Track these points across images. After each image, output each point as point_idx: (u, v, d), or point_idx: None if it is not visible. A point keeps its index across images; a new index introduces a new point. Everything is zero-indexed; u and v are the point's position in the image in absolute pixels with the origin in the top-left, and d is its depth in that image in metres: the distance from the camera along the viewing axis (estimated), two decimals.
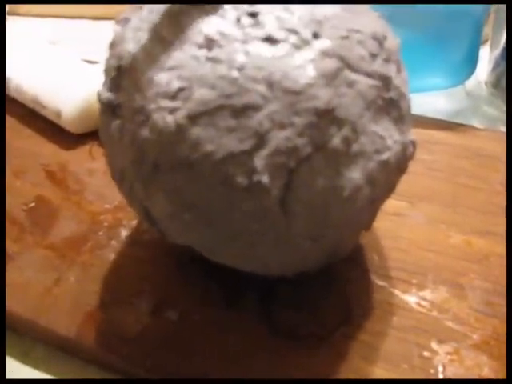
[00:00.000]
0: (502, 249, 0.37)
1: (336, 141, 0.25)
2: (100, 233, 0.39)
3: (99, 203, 0.42)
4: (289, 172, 0.25)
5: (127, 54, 0.27)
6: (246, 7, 0.26)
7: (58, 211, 0.42)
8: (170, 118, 0.25)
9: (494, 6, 0.52)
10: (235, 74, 0.24)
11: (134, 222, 0.40)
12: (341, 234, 0.29)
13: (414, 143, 0.30)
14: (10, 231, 0.40)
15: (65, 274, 0.36)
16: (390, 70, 0.28)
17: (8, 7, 0.72)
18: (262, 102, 0.24)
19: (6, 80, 0.51)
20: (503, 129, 0.50)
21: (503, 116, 0.51)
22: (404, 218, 0.39)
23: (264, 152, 0.24)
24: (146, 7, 0.29)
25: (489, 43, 0.54)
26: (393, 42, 0.29)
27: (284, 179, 0.25)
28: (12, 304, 0.34)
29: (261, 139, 0.24)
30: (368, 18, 0.29)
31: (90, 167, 0.46)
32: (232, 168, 0.24)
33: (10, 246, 0.39)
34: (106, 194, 0.42)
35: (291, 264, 0.30)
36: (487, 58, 0.55)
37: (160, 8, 0.28)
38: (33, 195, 0.43)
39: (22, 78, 0.51)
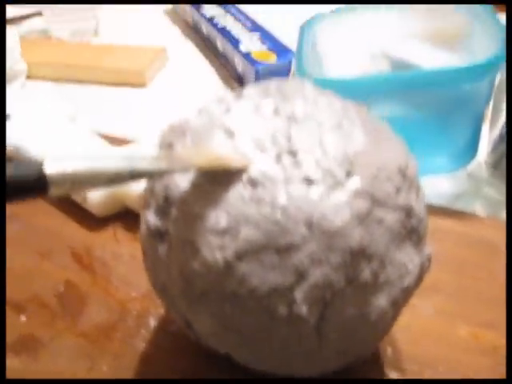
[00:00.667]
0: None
1: (366, 274, 0.28)
2: (129, 321, 0.41)
3: (126, 290, 0.44)
4: (324, 303, 0.27)
5: (175, 185, 0.29)
6: (285, 143, 0.29)
7: (87, 297, 0.44)
8: (218, 255, 0.27)
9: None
10: (278, 214, 0.27)
11: (162, 311, 0.42)
12: (365, 347, 0.31)
13: (429, 257, 0.33)
14: (42, 315, 0.42)
15: (97, 363, 0.38)
16: (412, 199, 0.30)
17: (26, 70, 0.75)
18: (302, 241, 0.27)
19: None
20: (503, 212, 0.52)
21: (503, 198, 0.54)
22: (414, 309, 0.41)
23: (303, 287, 0.27)
24: (189, 135, 0.31)
25: (488, 123, 0.57)
26: (413, 168, 0.32)
27: (320, 310, 0.28)
28: None
29: (301, 275, 0.27)
30: (393, 147, 0.31)
31: (115, 250, 0.48)
32: (274, 301, 0.27)
33: (41, 332, 0.41)
34: (132, 281, 0.44)
35: (317, 370, 0.32)
36: (487, 137, 0.57)
37: (203, 138, 0.30)
38: (61, 279, 0.45)
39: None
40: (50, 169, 0.24)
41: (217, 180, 0.28)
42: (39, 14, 0.89)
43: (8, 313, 0.42)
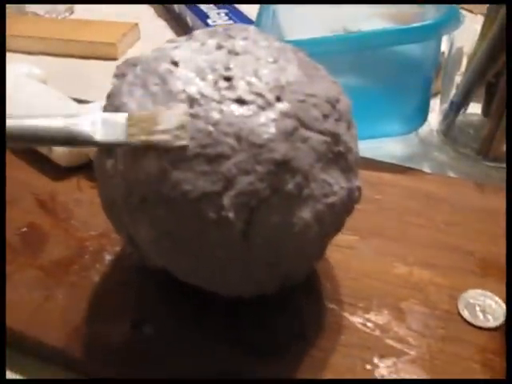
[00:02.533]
0: (440, 279, 0.42)
1: (290, 186, 0.30)
2: (86, 256, 0.44)
3: (85, 230, 0.47)
4: (250, 210, 0.30)
5: (122, 105, 0.32)
6: (223, 71, 0.32)
7: (48, 236, 0.46)
8: (155, 163, 0.30)
9: (442, 63, 0.58)
10: (210, 128, 0.30)
11: (117, 248, 0.44)
12: (293, 263, 0.34)
13: (359, 189, 0.36)
14: (6, 252, 0.44)
15: (54, 292, 0.41)
16: (340, 128, 0.33)
17: None
18: (231, 152, 0.30)
19: None
20: (451, 174, 0.56)
21: (451, 162, 0.57)
22: (355, 251, 0.44)
23: (231, 193, 0.30)
24: (140, 66, 0.34)
25: (439, 96, 0.60)
26: (345, 103, 0.35)
27: (246, 216, 0.30)
28: (5, 318, 0.39)
29: (229, 183, 0.30)
30: (324, 83, 0.34)
31: (78, 198, 0.50)
32: (204, 205, 0.30)
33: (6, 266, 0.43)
34: (91, 222, 0.47)
35: (251, 287, 0.35)
36: (438, 109, 0.61)
37: (152, 67, 0.33)
38: (25, 222, 0.48)
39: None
40: None
41: (158, 99, 0.31)
42: None
43: None
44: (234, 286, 0.35)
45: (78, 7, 0.93)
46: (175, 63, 0.33)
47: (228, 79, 0.31)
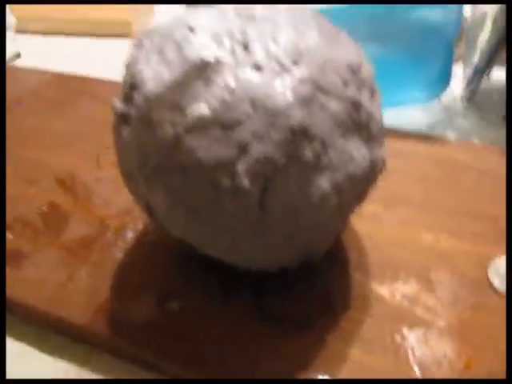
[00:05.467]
0: (468, 247, 0.41)
1: (307, 154, 0.30)
2: (108, 234, 0.44)
3: (106, 208, 0.46)
4: (266, 178, 0.29)
5: (139, 72, 0.32)
6: (240, 36, 0.31)
7: (69, 215, 0.46)
8: (169, 129, 0.30)
9: (465, 27, 0.57)
10: (226, 94, 0.29)
11: (139, 225, 0.44)
12: (312, 235, 0.33)
13: (383, 160, 0.35)
14: (25, 232, 0.44)
15: (77, 271, 0.41)
16: (362, 96, 0.32)
17: None
18: (245, 118, 0.29)
19: None
20: (475, 141, 0.54)
21: (476, 128, 0.56)
22: (380, 220, 0.44)
23: (245, 161, 0.29)
24: (157, 33, 0.34)
25: (462, 62, 0.59)
26: (368, 70, 0.34)
27: (262, 184, 0.30)
28: (28, 297, 0.39)
29: (243, 150, 0.29)
30: (345, 48, 0.33)
31: (98, 176, 0.50)
32: (219, 173, 0.29)
33: (25, 246, 0.43)
34: (112, 200, 0.47)
35: (271, 259, 0.34)
36: (461, 75, 0.59)
37: (168, 34, 0.33)
38: (45, 201, 0.48)
39: None
40: None
41: (174, 66, 0.31)
42: None
43: None
44: (252, 258, 0.34)
45: None
46: (192, 29, 0.32)
47: (245, 45, 0.31)
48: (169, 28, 0.33)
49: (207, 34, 0.32)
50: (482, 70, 0.55)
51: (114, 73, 0.54)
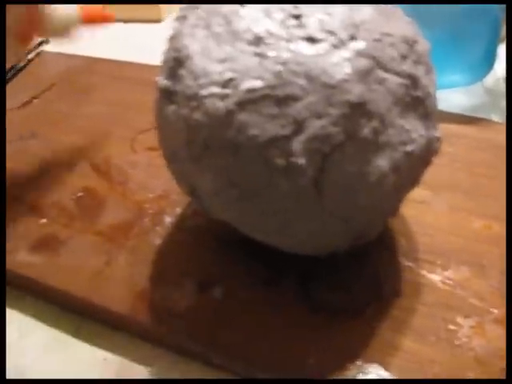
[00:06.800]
0: None
1: (366, 131, 0.28)
2: (145, 219, 0.42)
3: (143, 193, 0.45)
4: (323, 156, 0.28)
5: (184, 47, 0.31)
6: (292, 9, 0.29)
7: (105, 201, 0.45)
8: (220, 104, 0.28)
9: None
10: (279, 67, 0.27)
11: (178, 210, 0.43)
12: (368, 217, 0.32)
13: (439, 139, 0.33)
14: (60, 218, 0.43)
15: (115, 257, 0.40)
16: (419, 71, 0.31)
17: None
18: (301, 93, 0.27)
19: None
20: None
21: None
22: (429, 206, 0.42)
23: (301, 137, 0.27)
24: (202, 7, 0.32)
25: (505, 42, 0.57)
26: (423, 45, 0.32)
27: (318, 163, 0.28)
28: (66, 284, 0.38)
29: (299, 126, 0.27)
30: (401, 23, 0.32)
31: (133, 160, 0.49)
32: (273, 150, 0.28)
33: (61, 232, 0.42)
34: (149, 185, 0.46)
35: (323, 243, 0.33)
36: (504, 55, 0.57)
37: (215, 8, 0.31)
38: (80, 186, 0.47)
39: None
40: None
41: (223, 38, 0.29)
42: None
43: (30, 217, 0.44)
44: (303, 241, 0.32)
45: None
46: (241, 3, 0.31)
47: (297, 17, 0.29)
48: (216, 2, 0.32)
49: (257, 7, 0.30)
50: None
51: (144, 57, 0.53)
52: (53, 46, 0.71)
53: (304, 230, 0.31)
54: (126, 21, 0.77)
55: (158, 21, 0.76)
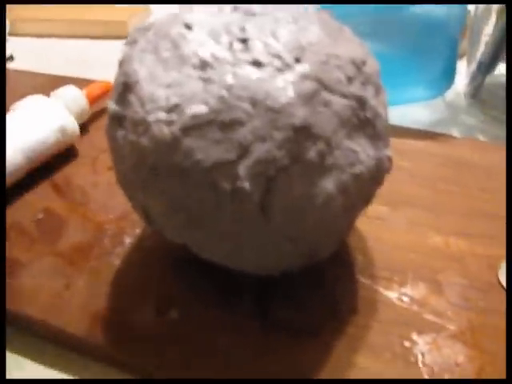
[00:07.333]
0: (478, 249, 0.40)
1: (311, 154, 0.28)
2: (105, 240, 0.42)
3: (103, 213, 0.45)
4: (268, 180, 0.28)
5: (133, 72, 0.31)
6: (238, 32, 0.30)
7: (65, 222, 0.45)
8: (166, 130, 0.28)
9: (468, 23, 0.56)
10: (224, 92, 0.28)
11: (137, 230, 0.43)
12: (317, 237, 0.32)
13: (389, 158, 0.33)
14: (21, 241, 0.43)
15: (74, 279, 0.39)
16: (367, 92, 0.31)
17: None
18: (246, 117, 0.27)
19: None
20: (481, 137, 0.53)
21: (481, 125, 0.55)
22: (387, 222, 0.42)
23: (247, 162, 0.27)
24: (152, 31, 0.32)
25: (465, 58, 0.58)
26: (372, 66, 0.33)
27: (264, 186, 0.28)
28: (25, 307, 0.37)
29: (244, 150, 0.27)
30: (349, 44, 0.32)
31: (94, 180, 0.49)
32: (218, 175, 0.28)
33: (22, 255, 0.42)
34: (109, 205, 0.46)
35: (274, 263, 0.33)
36: (465, 71, 0.58)
37: (164, 31, 0.31)
38: (41, 207, 0.46)
39: None
40: None
41: (170, 63, 0.29)
42: None
43: None
44: (255, 262, 0.33)
45: None
46: (188, 26, 0.31)
47: (243, 41, 0.29)
48: (164, 25, 0.32)
49: (204, 30, 0.30)
50: (486, 66, 0.54)
51: (110, 74, 0.53)
52: (15, 64, 0.71)
53: (253, 252, 0.31)
54: (91, 37, 0.77)
55: (123, 37, 0.76)
